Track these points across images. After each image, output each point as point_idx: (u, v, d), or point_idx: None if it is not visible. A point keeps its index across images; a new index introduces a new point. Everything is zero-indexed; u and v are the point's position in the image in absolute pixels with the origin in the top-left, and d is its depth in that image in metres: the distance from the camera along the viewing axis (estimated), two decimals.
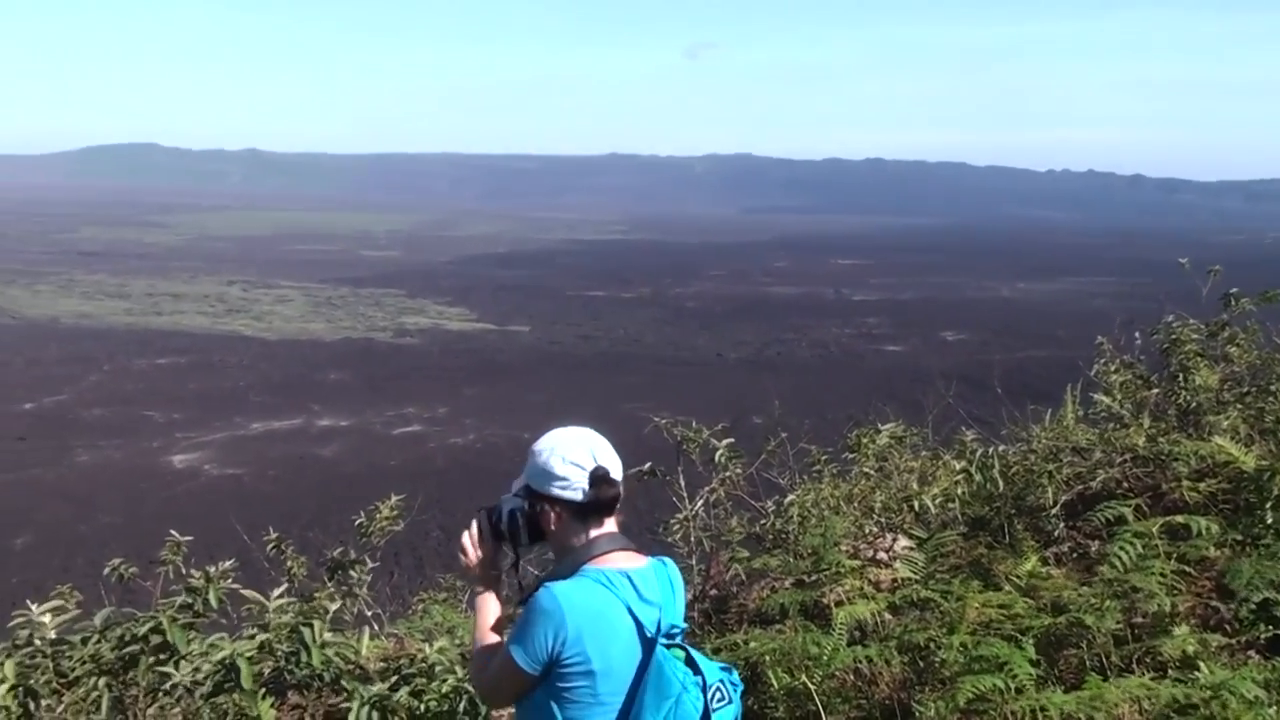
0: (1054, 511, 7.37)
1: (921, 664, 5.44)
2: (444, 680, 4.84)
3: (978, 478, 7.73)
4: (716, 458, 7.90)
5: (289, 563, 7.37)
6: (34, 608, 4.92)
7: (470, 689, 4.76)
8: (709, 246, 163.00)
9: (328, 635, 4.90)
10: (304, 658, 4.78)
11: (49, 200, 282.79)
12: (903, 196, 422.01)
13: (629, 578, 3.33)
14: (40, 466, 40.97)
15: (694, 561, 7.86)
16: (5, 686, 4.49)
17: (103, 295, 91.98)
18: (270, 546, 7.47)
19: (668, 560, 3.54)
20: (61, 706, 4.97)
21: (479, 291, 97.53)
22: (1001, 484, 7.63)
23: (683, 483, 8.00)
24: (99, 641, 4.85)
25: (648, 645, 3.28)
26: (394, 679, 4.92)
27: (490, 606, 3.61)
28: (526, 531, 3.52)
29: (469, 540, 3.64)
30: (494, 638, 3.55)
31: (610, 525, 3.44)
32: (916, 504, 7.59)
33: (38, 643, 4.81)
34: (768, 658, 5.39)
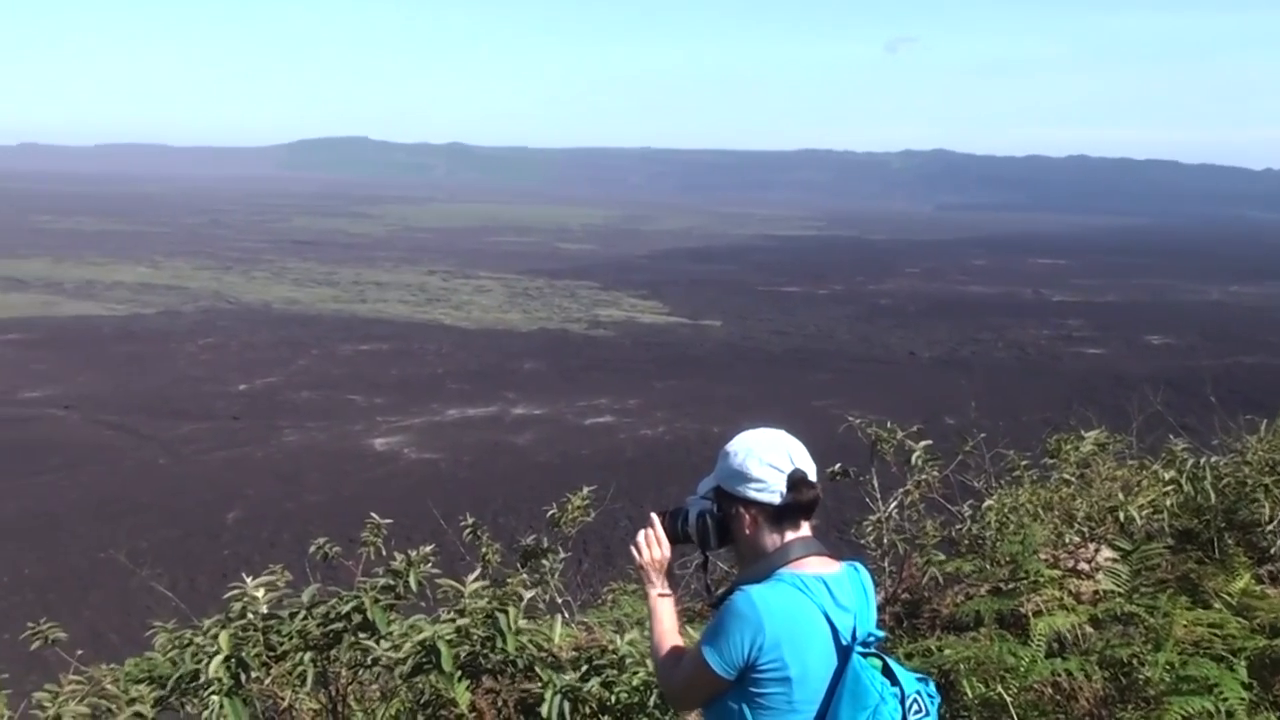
0: (1270, 527, 7.03)
1: (1124, 681, 5.24)
2: (635, 673, 4.87)
3: (1187, 489, 7.44)
4: (912, 459, 7.77)
5: (484, 549, 7.52)
6: (249, 582, 5.13)
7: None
8: (904, 243, 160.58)
9: (522, 622, 4.99)
10: (499, 643, 4.87)
11: (265, 191, 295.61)
12: (1107, 195, 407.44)
13: (825, 583, 3.27)
14: (252, 445, 42.80)
15: (886, 564, 7.76)
16: (220, 657, 4.69)
17: (312, 282, 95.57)
18: (466, 533, 7.64)
19: (860, 565, 3.48)
20: (269, 679, 5.17)
21: (672, 285, 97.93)
22: (1213, 496, 7.31)
23: (876, 484, 7.90)
24: (305, 618, 5.02)
25: (843, 653, 3.23)
26: (585, 669, 4.96)
27: (669, 608, 3.59)
28: (715, 534, 3.49)
29: (645, 540, 3.63)
30: (677, 639, 3.53)
31: (805, 529, 3.39)
32: (1121, 514, 7.32)
33: (251, 616, 5.01)
34: (962, 666, 5.27)
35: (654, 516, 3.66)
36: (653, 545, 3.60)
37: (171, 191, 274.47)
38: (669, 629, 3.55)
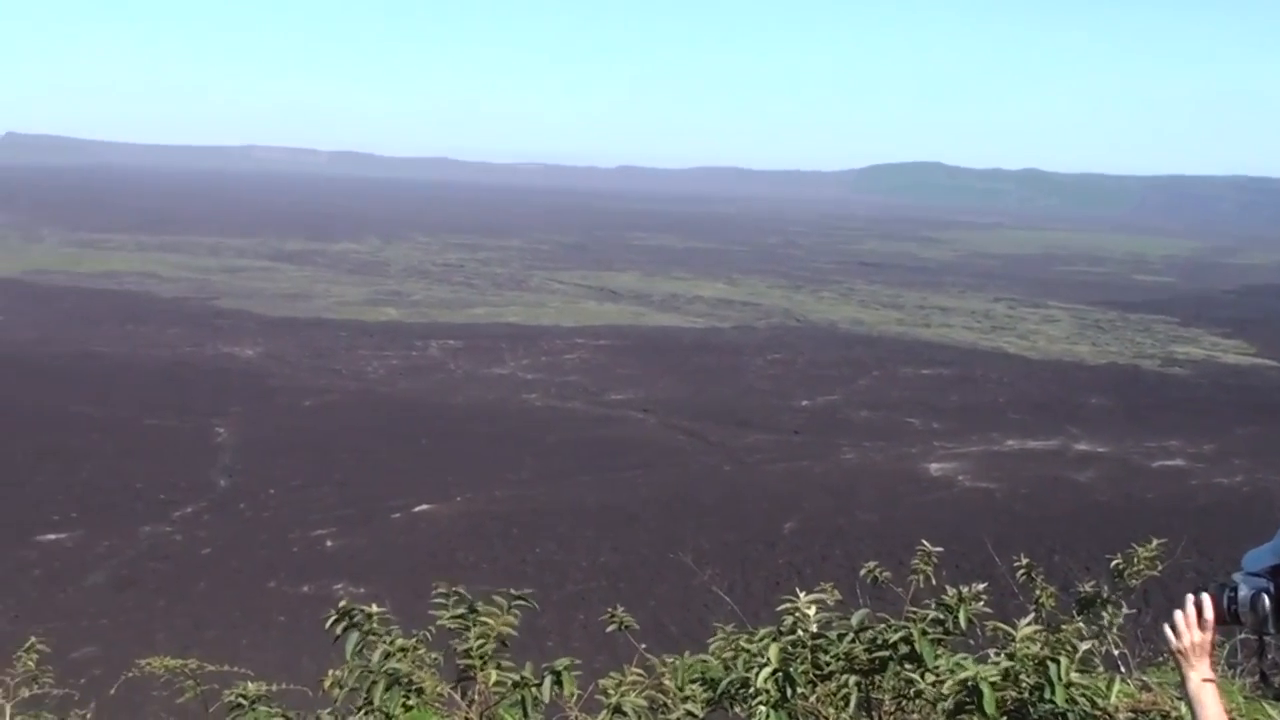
0: None
1: None
2: None
3: None
4: None
5: (1037, 591, 7.27)
6: (801, 596, 5.27)
7: None
8: None
9: (1075, 674, 4.77)
10: (1047, 693, 4.69)
11: (837, 214, 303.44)
12: None
13: None
14: (810, 460, 44.01)
15: None
16: (769, 670, 4.85)
17: (877, 304, 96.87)
18: (1020, 572, 7.42)
19: None
20: (814, 696, 5.28)
21: (1261, 324, 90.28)
22: None
23: None
24: (853, 641, 5.08)
25: None
26: None
27: (1215, 696, 3.28)
28: (1275, 616, 3.18)
29: (1183, 621, 3.34)
30: None
31: None
32: None
33: (800, 633, 5.14)
34: None
35: (1194, 597, 3.38)
36: (1192, 627, 3.33)
37: (750, 213, 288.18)
38: (1217, 718, 3.27)
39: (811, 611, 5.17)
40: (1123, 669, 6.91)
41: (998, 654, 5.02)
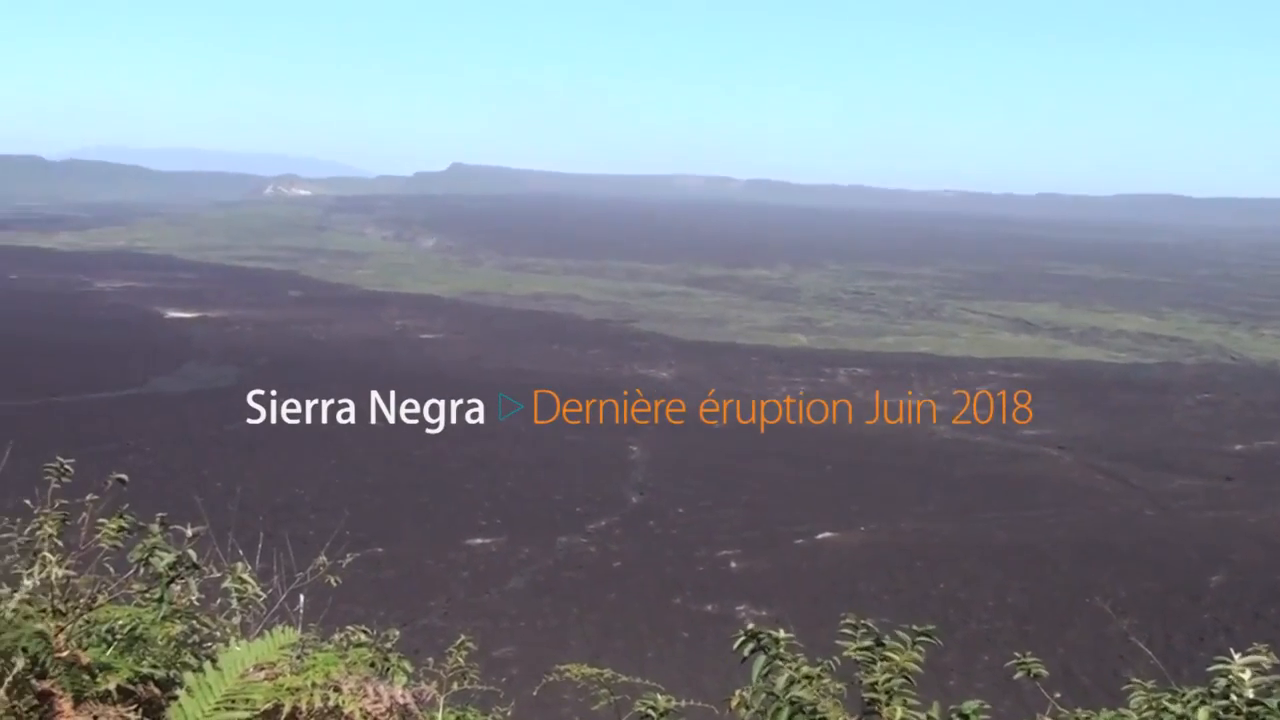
0: None
1: None
2: None
3: None
4: None
5: None
6: (1235, 657, 4.84)
7: None
8: None
9: None
10: None
11: None
12: None
13: None
14: (1243, 509, 40.86)
15: None
16: None
17: None
18: None
19: None
20: None
21: None
22: None
23: None
24: None
25: None
26: None
27: None
28: None
29: None
30: None
31: None
32: None
33: (1234, 699, 4.72)
34: None
35: None
36: None
37: (1183, 243, 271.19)
38: None
39: (1247, 675, 4.73)
40: None
41: None
